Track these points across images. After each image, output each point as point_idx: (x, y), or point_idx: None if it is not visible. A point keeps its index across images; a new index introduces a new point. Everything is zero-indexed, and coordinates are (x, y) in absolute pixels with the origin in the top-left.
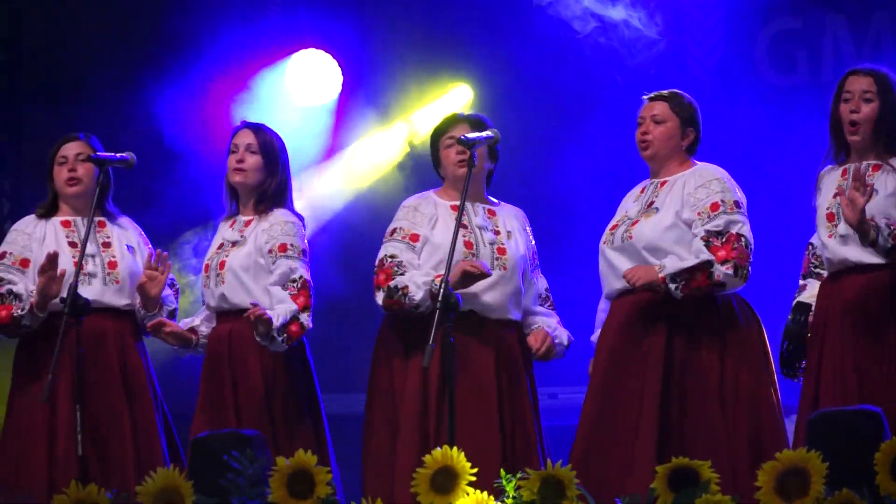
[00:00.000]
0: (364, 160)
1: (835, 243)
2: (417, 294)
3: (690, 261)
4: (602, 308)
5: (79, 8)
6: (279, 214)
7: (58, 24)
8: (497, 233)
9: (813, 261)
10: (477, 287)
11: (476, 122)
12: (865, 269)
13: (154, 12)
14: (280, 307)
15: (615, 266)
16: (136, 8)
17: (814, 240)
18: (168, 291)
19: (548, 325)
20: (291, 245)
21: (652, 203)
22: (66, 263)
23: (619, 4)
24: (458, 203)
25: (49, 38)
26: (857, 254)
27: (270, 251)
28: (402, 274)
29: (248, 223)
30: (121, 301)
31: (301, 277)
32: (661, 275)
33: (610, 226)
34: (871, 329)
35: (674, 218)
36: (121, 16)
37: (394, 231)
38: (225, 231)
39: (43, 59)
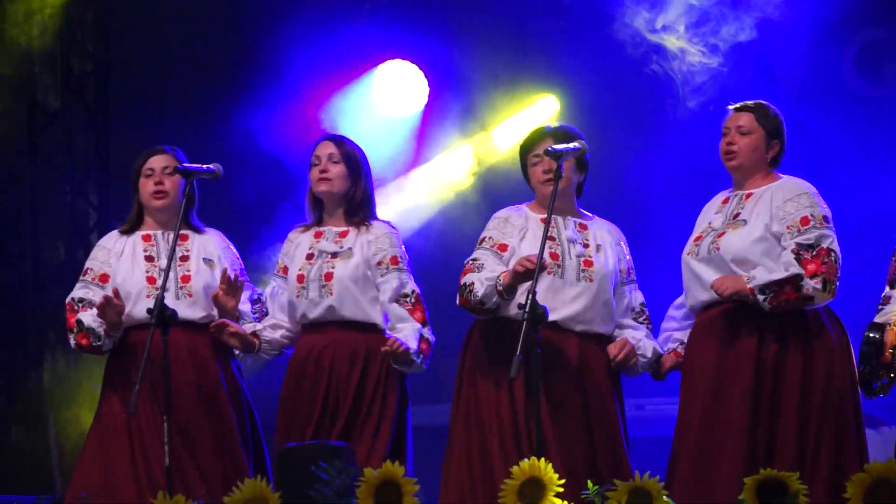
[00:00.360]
0: (448, 171)
1: None
2: (480, 290)
3: (780, 273)
4: (671, 316)
5: (166, 22)
6: (381, 227)
7: (145, 39)
8: (586, 246)
9: None
10: (561, 299)
11: (563, 134)
12: None
13: (240, 25)
14: (405, 329)
15: (701, 277)
16: (223, 22)
17: None
18: (247, 306)
19: (632, 337)
20: (401, 257)
21: (738, 215)
22: (138, 280)
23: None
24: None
25: (136, 53)
26: None
27: (380, 263)
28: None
29: (343, 234)
30: (195, 314)
31: (413, 291)
32: (749, 286)
33: (693, 237)
34: None
35: (763, 231)
36: (207, 31)
37: (483, 240)
38: (311, 241)
39: (131, 74)
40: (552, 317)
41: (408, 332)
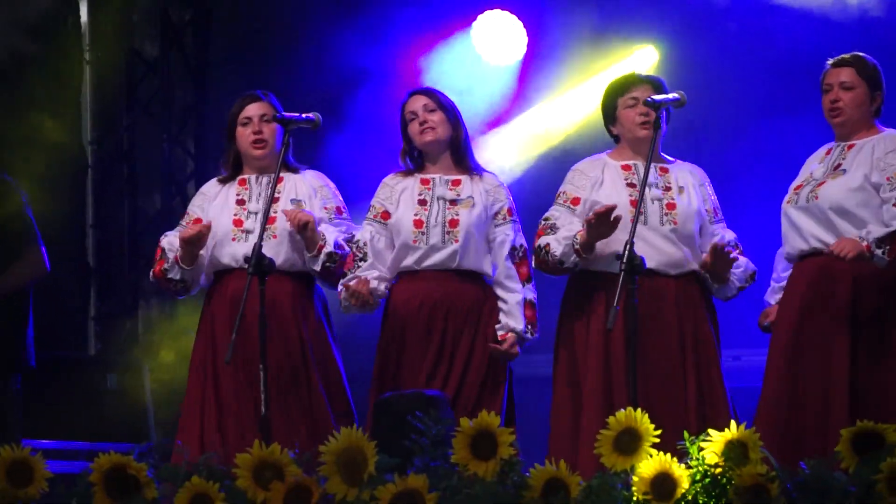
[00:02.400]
0: (548, 121)
1: None
2: (557, 250)
3: (892, 226)
4: (776, 267)
5: None
6: (493, 178)
7: None
8: (668, 189)
9: None
10: (651, 245)
11: (658, 85)
12: None
13: None
14: (510, 301)
15: (799, 226)
16: None
17: None
18: (333, 235)
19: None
20: (514, 210)
21: (839, 165)
22: (225, 222)
23: None
24: (629, 163)
25: (235, 1)
26: None
27: (497, 214)
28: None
29: (456, 182)
30: (277, 258)
31: (521, 245)
32: (865, 243)
33: (794, 186)
34: None
35: (862, 180)
36: None
37: (558, 195)
38: (419, 187)
39: (229, 22)
40: (649, 264)
41: (512, 305)
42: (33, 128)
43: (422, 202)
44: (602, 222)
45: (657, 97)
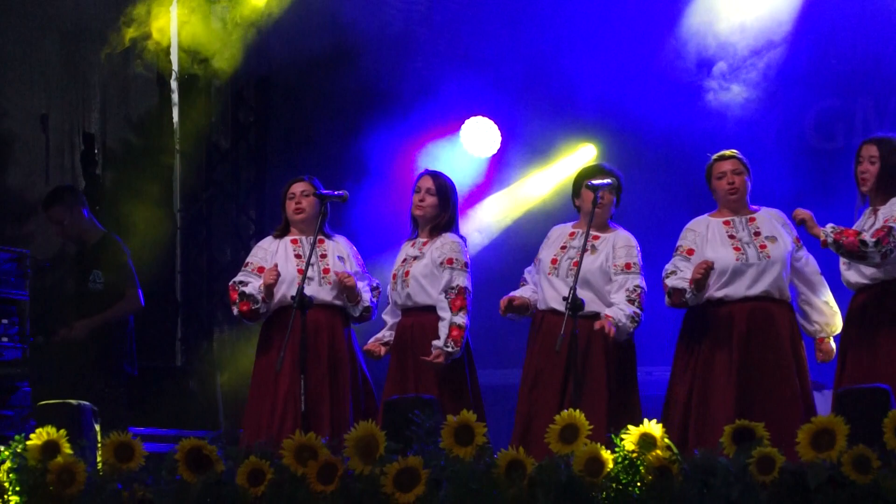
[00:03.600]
0: (517, 197)
1: None
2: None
3: None
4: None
5: (305, 85)
6: (447, 236)
7: (291, 90)
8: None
9: None
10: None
11: (607, 172)
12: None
13: (371, 81)
14: (441, 325)
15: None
16: (354, 78)
17: None
18: (367, 294)
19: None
20: (455, 259)
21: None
22: (291, 270)
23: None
24: (575, 230)
25: (287, 101)
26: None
27: (441, 263)
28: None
29: (425, 243)
30: (331, 298)
31: (458, 285)
32: None
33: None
34: None
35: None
36: (341, 82)
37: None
38: (407, 249)
39: (281, 118)
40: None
41: (441, 325)
42: (138, 199)
43: (403, 261)
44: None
45: (595, 181)
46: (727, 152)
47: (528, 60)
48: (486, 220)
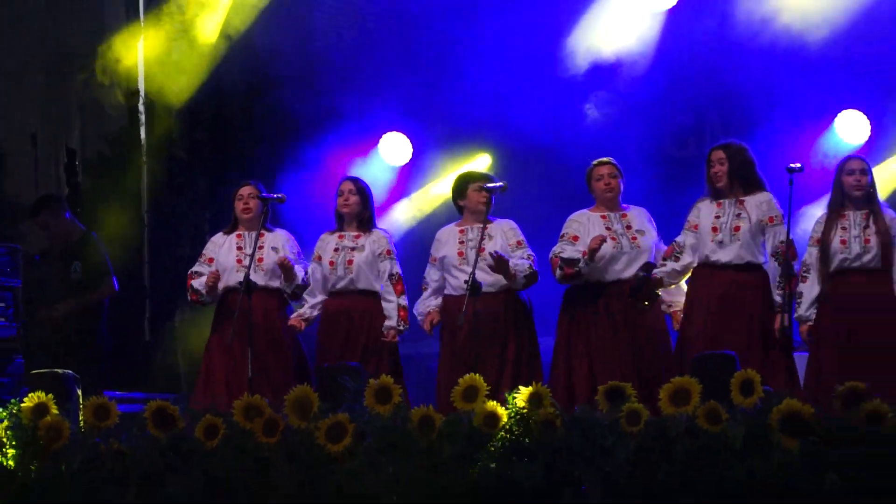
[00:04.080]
0: (424, 199)
1: None
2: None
3: None
4: None
5: (237, 112)
6: (378, 232)
7: (237, 112)
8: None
9: None
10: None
11: (490, 178)
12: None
13: (297, 102)
14: (389, 308)
15: None
16: (278, 100)
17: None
18: (301, 272)
19: None
20: (390, 250)
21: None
22: (231, 261)
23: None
24: (464, 227)
25: (233, 121)
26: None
27: (379, 255)
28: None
29: (357, 236)
30: (266, 282)
31: (396, 273)
32: None
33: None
34: None
35: None
36: (273, 105)
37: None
38: (335, 240)
39: (230, 135)
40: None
41: (390, 311)
42: (113, 203)
43: (336, 250)
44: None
45: (489, 185)
46: (604, 159)
47: (433, 84)
48: (400, 218)
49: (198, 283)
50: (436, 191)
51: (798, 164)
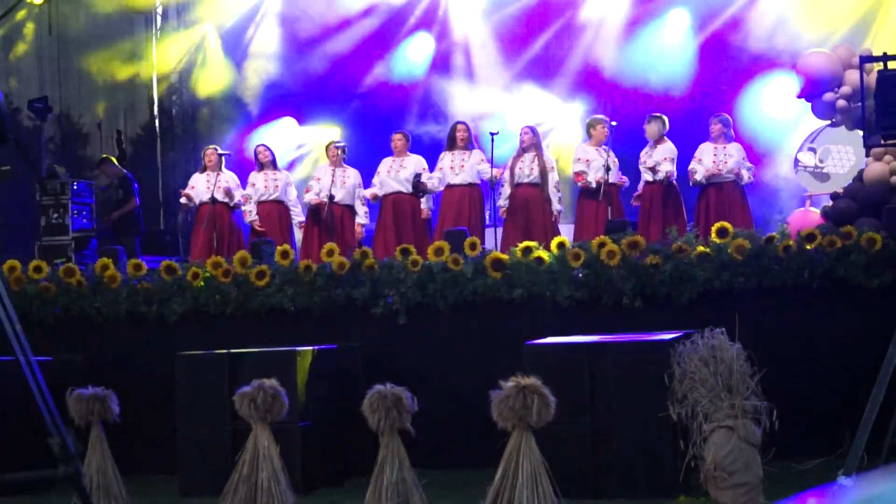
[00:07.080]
0: None
1: None
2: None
3: None
4: None
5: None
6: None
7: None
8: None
9: None
10: None
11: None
12: None
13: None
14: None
15: None
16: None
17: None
18: (239, 193)
19: None
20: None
21: None
22: (202, 187)
23: None
24: None
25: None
26: None
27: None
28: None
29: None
30: (220, 198)
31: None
32: None
33: None
34: None
35: None
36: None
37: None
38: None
39: (191, 128)
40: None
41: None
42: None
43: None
44: None
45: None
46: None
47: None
48: None
49: (183, 199)
50: None
51: None
